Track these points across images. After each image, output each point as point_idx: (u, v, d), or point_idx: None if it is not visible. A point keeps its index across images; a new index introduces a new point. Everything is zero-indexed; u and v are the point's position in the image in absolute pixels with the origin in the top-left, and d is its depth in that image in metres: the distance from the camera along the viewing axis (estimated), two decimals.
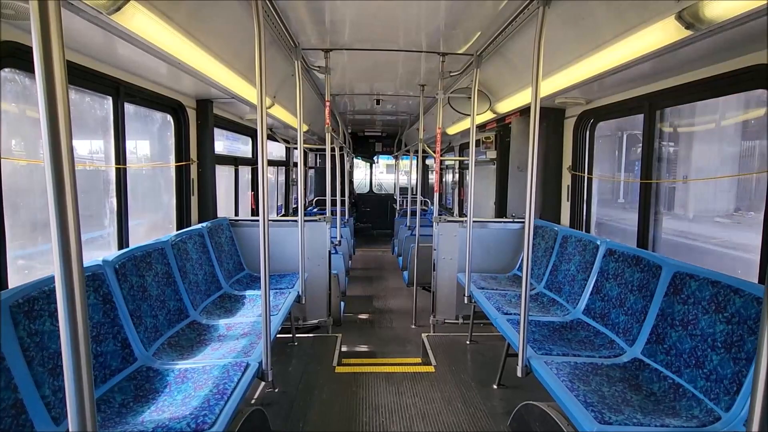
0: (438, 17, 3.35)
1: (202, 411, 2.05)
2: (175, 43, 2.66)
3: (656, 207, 3.51)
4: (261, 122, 2.48)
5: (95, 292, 2.40)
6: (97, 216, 3.32)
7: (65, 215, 1.04)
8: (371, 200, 14.90)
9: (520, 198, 5.45)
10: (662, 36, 2.29)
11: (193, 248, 3.73)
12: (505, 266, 5.02)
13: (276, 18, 3.20)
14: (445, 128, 7.24)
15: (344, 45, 4.10)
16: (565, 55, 3.19)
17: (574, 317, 3.50)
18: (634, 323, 2.89)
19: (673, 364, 2.48)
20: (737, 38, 2.23)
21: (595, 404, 2.19)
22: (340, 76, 5.50)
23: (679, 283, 2.59)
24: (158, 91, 3.77)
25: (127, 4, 2.03)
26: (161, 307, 3.00)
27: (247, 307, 3.74)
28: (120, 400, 2.24)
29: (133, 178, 3.55)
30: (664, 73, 3.08)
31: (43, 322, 1.94)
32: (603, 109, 4.11)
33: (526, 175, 2.61)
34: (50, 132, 1.01)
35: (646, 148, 3.50)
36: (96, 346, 2.31)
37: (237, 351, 2.78)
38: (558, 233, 4.30)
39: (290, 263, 4.67)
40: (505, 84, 4.59)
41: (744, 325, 2.13)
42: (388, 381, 3.78)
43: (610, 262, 3.32)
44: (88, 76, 2.91)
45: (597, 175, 4.47)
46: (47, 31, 0.99)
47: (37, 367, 1.86)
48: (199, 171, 4.49)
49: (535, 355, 2.77)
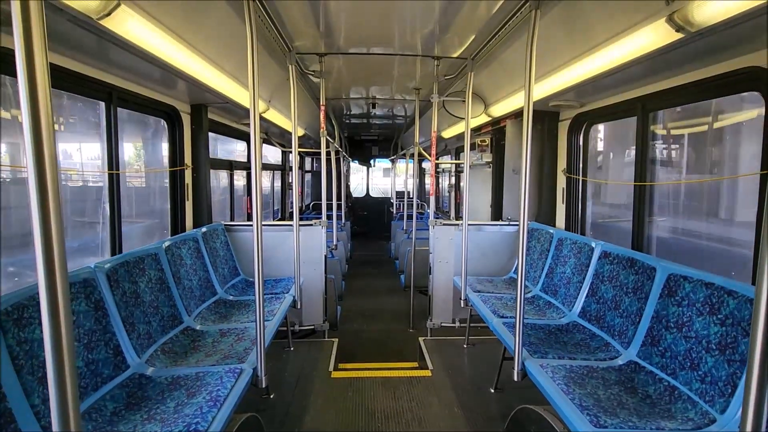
0: (432, 21, 3.36)
1: (195, 419, 2.02)
2: (168, 48, 2.66)
3: (650, 209, 3.51)
4: (254, 127, 2.47)
5: (87, 298, 2.37)
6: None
7: (48, 222, 1.02)
8: (368, 204, 14.89)
9: (515, 201, 5.46)
10: (653, 38, 2.30)
11: (188, 253, 3.70)
12: (501, 269, 5.01)
13: (269, 22, 3.20)
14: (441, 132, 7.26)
15: (339, 49, 4.10)
16: (557, 57, 3.21)
17: (570, 320, 3.49)
18: (629, 325, 2.89)
19: (668, 366, 2.48)
20: (728, 40, 2.24)
21: (590, 408, 2.18)
22: (336, 80, 5.50)
23: (673, 285, 2.59)
24: (152, 96, 3.76)
25: (118, 9, 2.02)
26: (154, 313, 2.97)
27: (242, 312, 3.72)
28: (112, 408, 2.21)
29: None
30: (657, 76, 3.10)
31: (32, 330, 1.92)
32: (596, 112, 4.12)
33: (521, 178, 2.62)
34: (33, 137, 1.00)
35: (639, 150, 3.51)
36: (87, 353, 2.28)
37: (231, 357, 2.76)
38: (553, 236, 4.30)
39: (286, 268, 4.65)
40: (500, 87, 4.60)
41: (738, 327, 2.13)
42: (385, 386, 3.76)
43: (605, 265, 3.32)
44: (81, 82, 2.89)
45: (591, 178, 4.48)
46: (29, 35, 0.98)
47: (26, 376, 1.83)
48: (194, 176, 4.48)
49: (531, 359, 2.76)
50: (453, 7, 3.06)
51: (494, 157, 6.22)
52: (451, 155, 10.18)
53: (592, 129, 4.43)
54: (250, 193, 6.65)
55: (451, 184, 10.31)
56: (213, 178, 4.87)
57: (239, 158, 6.69)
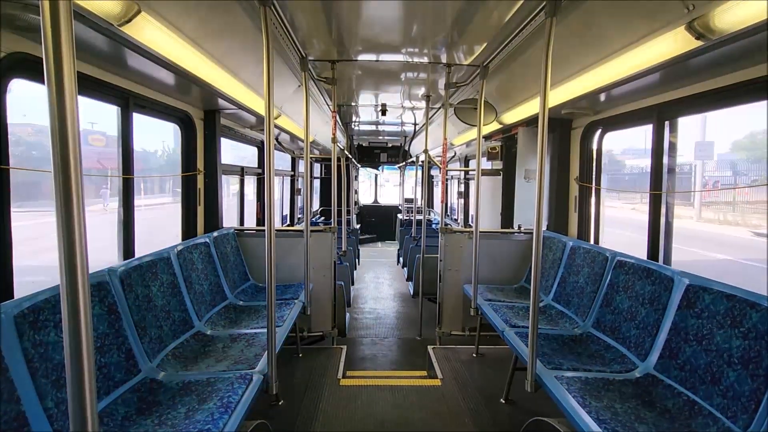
0: (445, 28, 3.37)
1: (206, 425, 2.01)
2: (184, 54, 2.69)
3: (667, 218, 3.46)
4: (268, 133, 2.48)
5: (100, 302, 2.38)
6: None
7: (72, 225, 1.02)
8: (376, 211, 14.88)
9: (526, 209, 5.41)
10: (672, 46, 2.27)
11: (199, 258, 3.71)
12: (512, 278, 4.96)
13: (284, 30, 3.22)
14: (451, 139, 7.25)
15: (351, 56, 4.12)
16: (572, 65, 3.18)
17: (584, 330, 3.43)
18: (646, 337, 2.83)
19: (687, 380, 2.41)
20: (750, 48, 2.20)
21: (608, 421, 2.13)
22: (347, 86, 5.53)
23: (692, 296, 2.53)
24: (167, 101, 3.80)
25: (138, 16, 2.05)
26: (166, 317, 2.97)
27: (252, 317, 3.71)
28: (123, 413, 2.21)
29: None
30: (674, 83, 3.06)
31: (47, 333, 1.92)
32: (611, 120, 4.08)
33: (534, 186, 2.59)
34: (59, 142, 1.00)
35: (655, 159, 3.46)
36: (100, 357, 2.28)
37: (242, 363, 2.75)
38: (566, 244, 4.25)
39: (295, 273, 4.65)
40: (512, 95, 4.58)
41: (762, 341, 2.07)
42: (394, 394, 3.72)
43: (620, 275, 3.27)
44: (98, 87, 2.93)
45: (605, 187, 4.43)
46: (58, 41, 0.99)
47: (41, 379, 1.83)
48: (206, 181, 4.51)
49: (545, 370, 2.70)
50: (466, 14, 3.06)
51: (504, 164, 6.19)
52: (461, 162, 10.16)
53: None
54: (261, 199, 6.67)
55: (460, 191, 10.28)
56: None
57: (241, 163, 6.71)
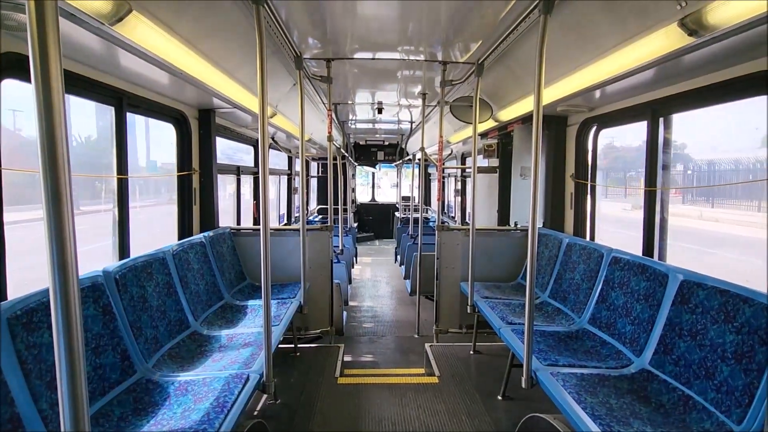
0: (440, 26, 3.36)
1: (202, 425, 2.01)
2: (177, 54, 2.67)
3: (662, 214, 3.47)
4: (263, 131, 2.47)
5: (95, 303, 2.37)
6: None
7: (61, 226, 1.02)
8: (373, 209, 14.88)
9: (522, 206, 5.42)
10: (665, 43, 2.28)
11: (195, 258, 3.70)
12: (508, 275, 4.97)
13: (278, 28, 3.21)
14: (447, 136, 7.24)
15: (346, 54, 4.11)
16: (566, 63, 3.19)
17: (580, 327, 3.45)
18: (641, 333, 2.84)
19: (682, 375, 2.43)
20: (742, 44, 2.21)
21: (603, 417, 2.14)
22: (342, 85, 5.51)
23: (686, 292, 2.55)
24: (161, 101, 3.78)
25: (129, 15, 2.03)
26: (162, 317, 2.96)
27: (248, 317, 3.70)
28: (119, 414, 2.20)
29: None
30: (668, 80, 3.07)
31: (41, 335, 1.91)
32: (605, 117, 4.09)
33: (529, 183, 2.59)
34: (47, 141, 0.99)
35: (649, 156, 3.48)
36: (95, 358, 2.28)
37: (238, 362, 2.74)
38: (562, 241, 4.26)
39: (292, 273, 4.64)
40: (507, 92, 4.58)
41: (755, 335, 2.08)
42: (392, 392, 3.73)
43: (615, 271, 3.28)
44: (91, 86, 2.92)
45: (600, 183, 4.45)
46: (44, 40, 0.98)
47: (35, 381, 1.83)
48: (201, 180, 4.49)
49: (541, 366, 2.72)
50: (461, 12, 3.06)
51: (501, 161, 6.19)
52: (457, 160, 10.16)
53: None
54: (257, 198, 6.66)
55: (456, 189, 10.29)
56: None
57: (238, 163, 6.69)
